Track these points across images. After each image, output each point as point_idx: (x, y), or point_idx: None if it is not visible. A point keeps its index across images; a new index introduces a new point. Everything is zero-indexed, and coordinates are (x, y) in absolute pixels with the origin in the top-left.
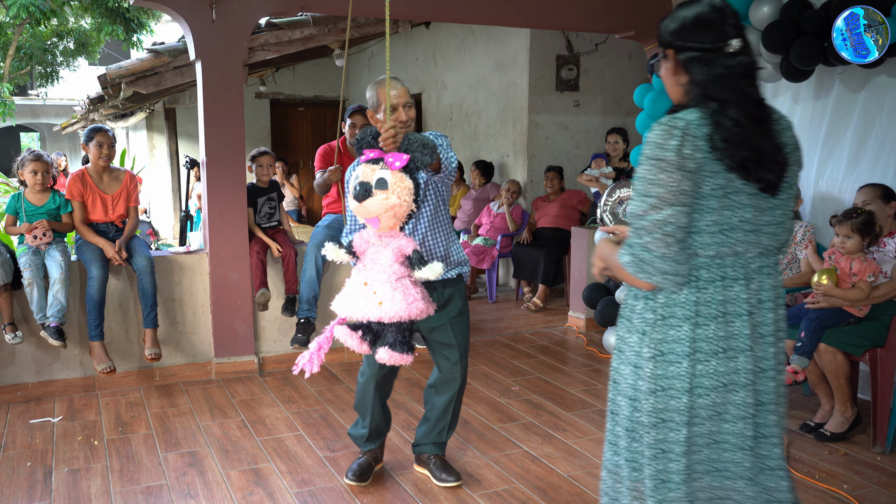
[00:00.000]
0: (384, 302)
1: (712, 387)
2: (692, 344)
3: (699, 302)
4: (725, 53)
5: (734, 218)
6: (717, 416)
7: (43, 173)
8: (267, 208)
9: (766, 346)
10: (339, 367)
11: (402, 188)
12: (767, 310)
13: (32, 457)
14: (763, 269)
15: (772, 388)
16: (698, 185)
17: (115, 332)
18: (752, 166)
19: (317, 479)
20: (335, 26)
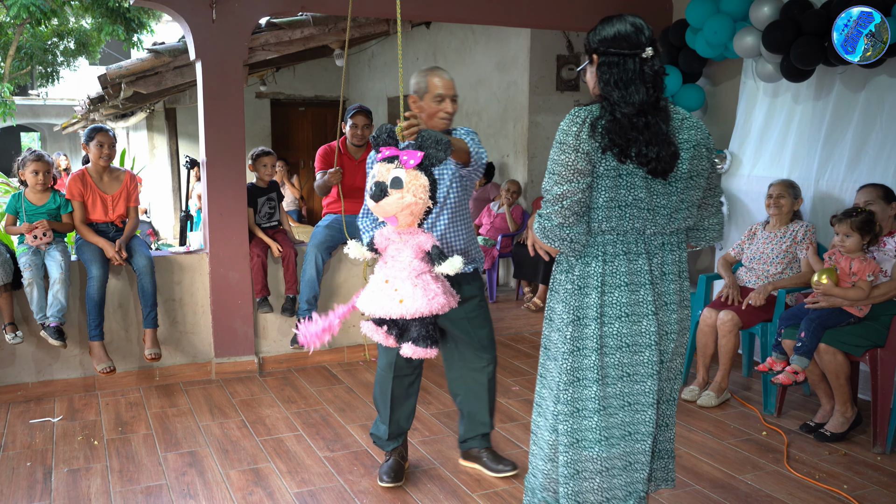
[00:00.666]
0: (405, 299)
1: (617, 346)
2: (599, 309)
3: (605, 273)
4: (637, 60)
5: (628, 196)
6: (628, 376)
7: (44, 173)
8: (267, 208)
9: (669, 313)
10: (340, 368)
11: (417, 186)
12: (670, 281)
13: (32, 457)
14: (665, 245)
15: (671, 349)
16: (594, 166)
17: (115, 332)
18: (628, 153)
19: (316, 479)
20: (335, 26)
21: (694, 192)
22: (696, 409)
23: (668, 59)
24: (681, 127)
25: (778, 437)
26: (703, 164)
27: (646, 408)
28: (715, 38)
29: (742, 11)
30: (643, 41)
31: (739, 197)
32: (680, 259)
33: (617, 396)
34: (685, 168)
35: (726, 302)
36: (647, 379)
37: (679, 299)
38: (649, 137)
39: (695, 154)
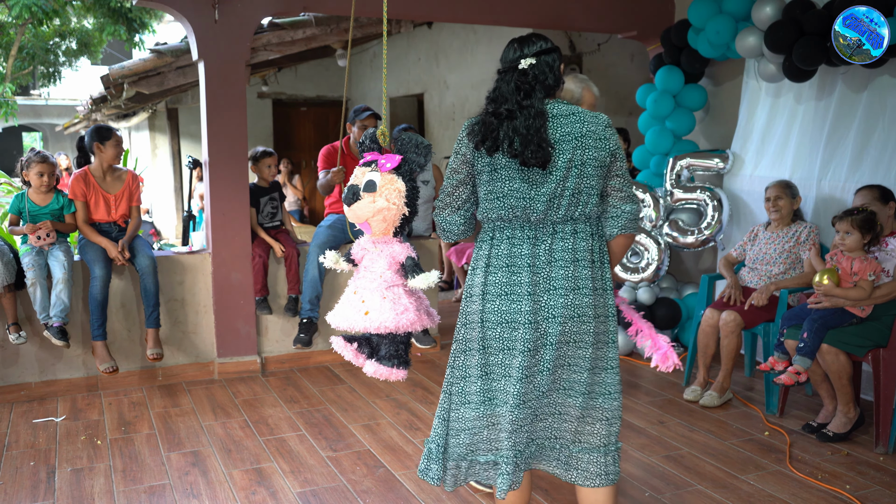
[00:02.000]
0: (371, 311)
1: (497, 322)
2: (483, 287)
3: (490, 255)
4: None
5: (504, 187)
6: (507, 350)
7: (48, 175)
8: (269, 208)
9: (555, 297)
10: (342, 367)
11: (392, 190)
12: (559, 267)
13: (35, 456)
14: (557, 234)
15: (557, 332)
16: (472, 165)
17: (117, 332)
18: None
19: (319, 478)
20: (337, 26)
21: (580, 180)
22: (698, 409)
23: (670, 59)
24: (565, 122)
25: (780, 437)
26: (588, 154)
27: (517, 381)
28: (717, 39)
29: (744, 11)
30: (521, 55)
31: (741, 197)
32: (573, 247)
33: (498, 365)
34: (565, 158)
35: (728, 302)
36: (518, 354)
37: (574, 285)
38: (512, 132)
39: (577, 145)
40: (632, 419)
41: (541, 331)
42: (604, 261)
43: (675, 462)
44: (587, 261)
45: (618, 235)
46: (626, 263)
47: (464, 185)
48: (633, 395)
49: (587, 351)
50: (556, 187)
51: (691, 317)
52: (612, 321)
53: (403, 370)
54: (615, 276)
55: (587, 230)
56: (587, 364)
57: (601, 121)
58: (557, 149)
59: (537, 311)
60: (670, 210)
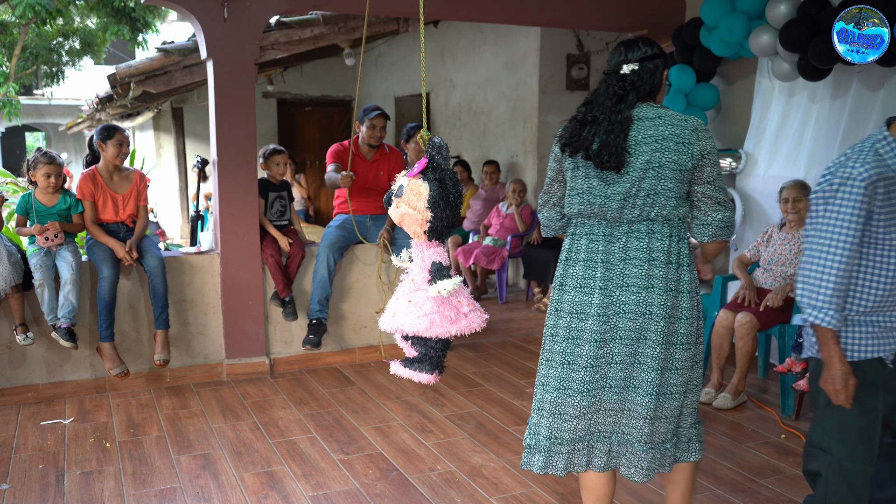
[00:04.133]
0: (397, 314)
1: (569, 312)
2: (562, 279)
3: (570, 249)
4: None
5: (583, 184)
6: (574, 339)
7: (56, 176)
8: (278, 206)
9: (627, 293)
10: (351, 369)
11: (413, 195)
12: (634, 265)
13: (44, 459)
14: (632, 233)
15: (628, 327)
16: (560, 164)
17: (125, 333)
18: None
19: (332, 482)
20: (345, 25)
21: (657, 182)
22: (712, 411)
23: (681, 57)
24: (650, 124)
25: (797, 440)
26: (666, 157)
27: (580, 369)
28: (730, 37)
29: (758, 10)
30: (625, 60)
31: (755, 197)
32: (648, 246)
33: (562, 353)
34: (643, 160)
35: (743, 303)
36: (585, 344)
37: (647, 283)
38: (592, 136)
39: (657, 147)
40: None
41: (610, 324)
42: (682, 262)
43: None
44: (662, 261)
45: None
46: None
47: (557, 182)
48: None
49: (656, 350)
50: (630, 187)
51: (704, 318)
52: (685, 322)
53: (429, 374)
54: None
55: (664, 231)
56: (656, 364)
57: (689, 124)
58: (636, 150)
59: (608, 306)
60: None
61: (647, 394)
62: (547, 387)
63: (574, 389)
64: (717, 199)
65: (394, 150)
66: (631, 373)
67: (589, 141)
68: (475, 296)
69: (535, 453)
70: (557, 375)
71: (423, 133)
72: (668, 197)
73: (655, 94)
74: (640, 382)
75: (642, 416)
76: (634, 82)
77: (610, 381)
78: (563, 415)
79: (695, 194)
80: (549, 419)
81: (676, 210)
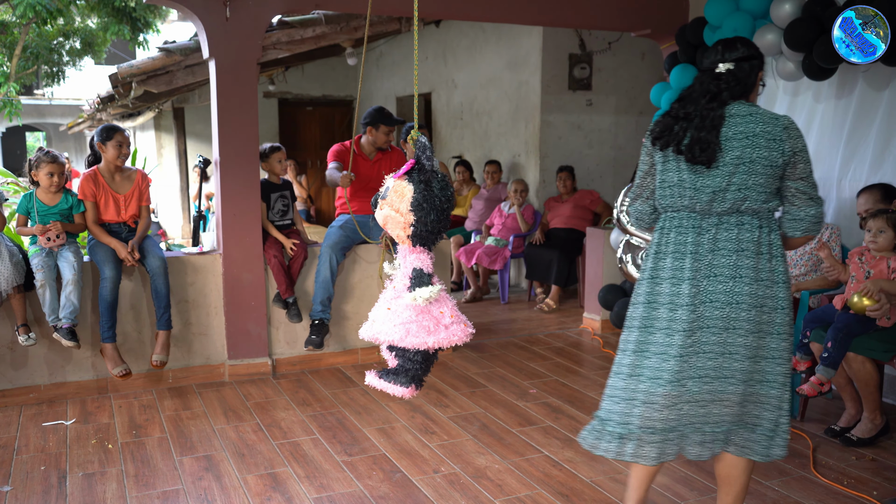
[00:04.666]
0: (375, 321)
1: (661, 303)
2: (652, 272)
3: (660, 242)
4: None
5: (674, 178)
6: (667, 330)
7: (58, 175)
8: (280, 205)
9: (715, 283)
10: (354, 370)
11: (395, 197)
12: (723, 255)
13: (46, 460)
14: (721, 224)
15: (716, 316)
16: (652, 158)
17: (127, 333)
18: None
19: (335, 484)
20: (347, 25)
21: (748, 177)
22: None
23: (685, 57)
24: (741, 121)
25: (803, 441)
26: (757, 153)
27: (670, 358)
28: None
29: (762, 9)
30: (721, 59)
31: None
32: (737, 237)
33: (655, 344)
34: (734, 155)
35: None
36: (676, 334)
37: (735, 273)
38: (684, 132)
39: (748, 144)
40: None
41: (698, 313)
42: (774, 253)
43: (698, 467)
44: (751, 252)
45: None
46: (641, 264)
47: (650, 176)
48: None
49: (747, 339)
50: (721, 181)
51: None
52: (781, 312)
53: (405, 388)
54: (630, 277)
55: (754, 223)
56: (747, 352)
57: (780, 122)
58: (727, 146)
59: (696, 296)
60: None
61: (738, 382)
62: (641, 377)
63: (665, 379)
64: (809, 194)
65: (395, 150)
66: (721, 363)
67: (680, 136)
68: (477, 296)
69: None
70: (652, 366)
71: (414, 133)
72: (758, 192)
73: (749, 94)
74: (731, 372)
75: (735, 403)
76: (729, 81)
77: (699, 370)
78: (654, 404)
79: (787, 190)
80: (642, 408)
81: (766, 204)
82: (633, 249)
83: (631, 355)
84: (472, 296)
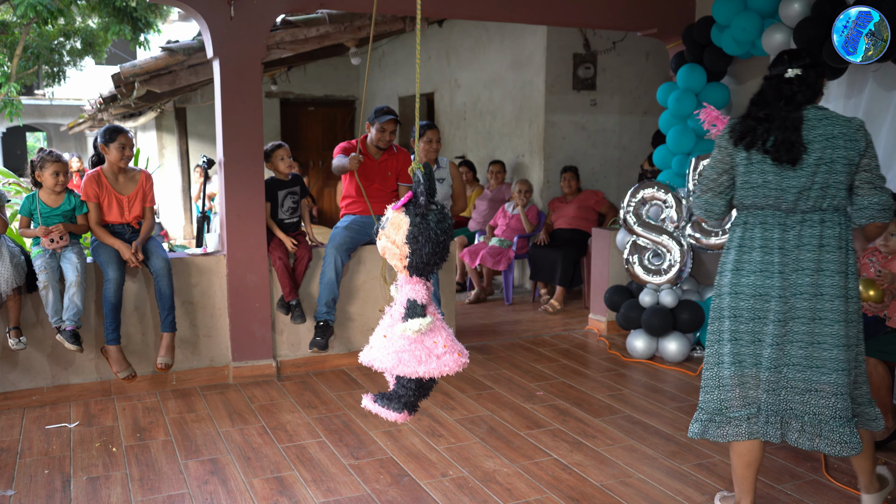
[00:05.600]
0: (373, 347)
1: (750, 295)
2: (736, 264)
3: (744, 237)
4: (777, 79)
5: (759, 179)
6: (759, 319)
7: (63, 174)
8: (290, 202)
9: (802, 276)
10: (359, 372)
11: (391, 227)
12: (807, 251)
13: (50, 464)
14: (805, 222)
15: (806, 306)
16: (732, 158)
17: (131, 336)
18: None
19: (343, 487)
20: (351, 24)
21: (829, 176)
22: None
23: (692, 57)
24: (818, 125)
25: None
26: (837, 153)
27: (766, 346)
28: (743, 36)
29: (771, 8)
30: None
31: None
32: (821, 234)
33: (749, 332)
34: (815, 156)
35: None
36: (770, 323)
37: (819, 267)
38: (767, 132)
39: (828, 145)
40: (659, 425)
41: (789, 304)
42: (849, 247)
43: (708, 471)
44: (833, 246)
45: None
46: (648, 265)
47: (726, 174)
48: (659, 399)
49: (836, 327)
50: (805, 181)
51: None
52: (853, 301)
53: (398, 413)
54: (637, 278)
55: (835, 219)
56: (840, 341)
57: (853, 124)
58: (809, 147)
59: (786, 288)
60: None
61: (833, 371)
62: (744, 363)
63: (763, 366)
64: (875, 183)
65: (401, 151)
66: (811, 352)
67: (765, 137)
68: (481, 297)
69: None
70: (750, 353)
71: (414, 165)
72: (838, 189)
73: (816, 98)
74: (823, 361)
75: (833, 394)
76: (801, 85)
77: (792, 358)
78: (757, 387)
79: (854, 181)
80: (745, 391)
81: (845, 200)
82: (640, 250)
83: (727, 344)
84: (476, 297)
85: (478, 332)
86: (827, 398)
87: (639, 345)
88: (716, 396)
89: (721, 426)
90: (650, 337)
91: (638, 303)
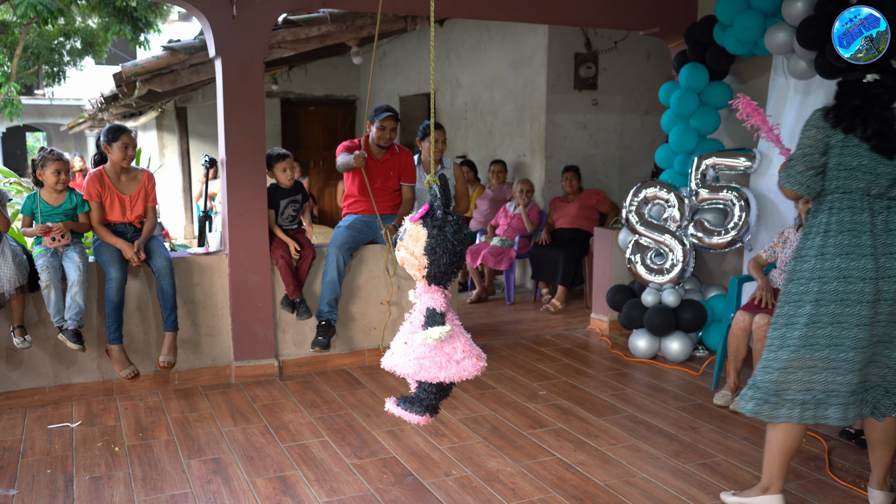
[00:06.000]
0: (394, 353)
1: (835, 277)
2: (822, 248)
3: (829, 221)
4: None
5: (853, 162)
6: (842, 301)
7: (65, 173)
8: (290, 211)
9: (892, 260)
10: (361, 371)
11: (409, 239)
12: (895, 235)
13: (52, 464)
14: (892, 207)
15: (893, 290)
16: (828, 139)
17: (133, 335)
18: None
19: (346, 487)
20: (353, 23)
21: None
22: (729, 414)
23: (694, 56)
24: None
25: (817, 444)
26: None
27: (851, 327)
28: (745, 35)
29: (774, 7)
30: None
31: (769, 197)
32: None
33: (829, 315)
34: None
35: (760, 305)
36: (856, 305)
37: None
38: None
39: None
40: (662, 425)
41: (879, 287)
42: None
43: (712, 470)
44: None
45: None
46: (650, 265)
47: (820, 153)
48: (662, 399)
49: None
50: None
51: (716, 319)
52: None
53: (420, 416)
54: (639, 277)
55: None
56: None
57: None
58: None
59: (877, 270)
60: (695, 210)
61: None
62: (816, 346)
63: (847, 346)
64: None
65: (404, 151)
66: (888, 331)
67: (864, 125)
68: (483, 297)
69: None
70: (828, 335)
71: (430, 178)
72: None
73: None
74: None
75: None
76: (884, 86)
77: (882, 337)
78: (836, 370)
79: None
80: (824, 374)
81: None
82: (643, 250)
83: (802, 328)
84: (478, 296)
85: (479, 331)
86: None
87: (641, 344)
88: (775, 378)
89: (776, 407)
90: (652, 336)
91: (640, 302)
